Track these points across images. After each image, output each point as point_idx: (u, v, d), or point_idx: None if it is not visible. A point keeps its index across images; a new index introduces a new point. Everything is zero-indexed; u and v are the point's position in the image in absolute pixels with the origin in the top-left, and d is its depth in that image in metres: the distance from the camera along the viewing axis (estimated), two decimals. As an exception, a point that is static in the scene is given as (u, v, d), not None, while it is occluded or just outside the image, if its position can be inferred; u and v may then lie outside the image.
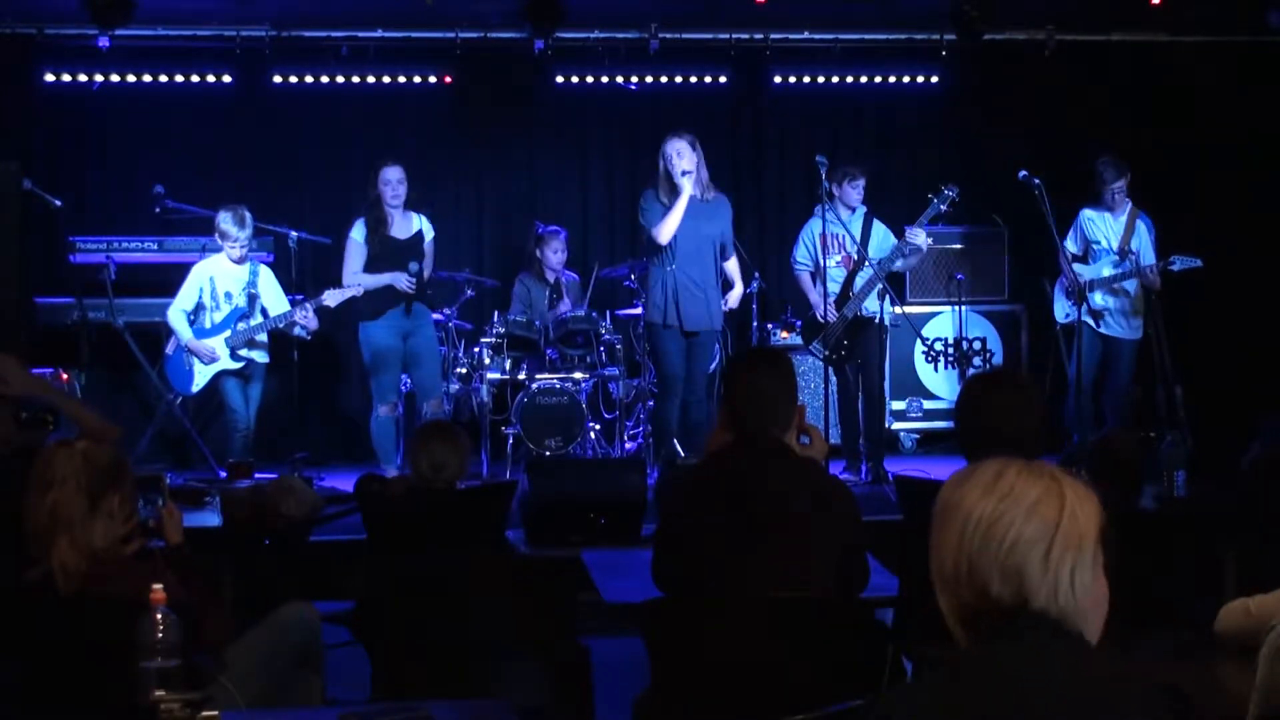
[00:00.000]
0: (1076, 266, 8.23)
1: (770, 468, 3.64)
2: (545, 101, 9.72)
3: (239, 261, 7.96)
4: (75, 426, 4.36)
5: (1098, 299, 8.16)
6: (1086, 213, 8.30)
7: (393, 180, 8.04)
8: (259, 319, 7.94)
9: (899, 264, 8.11)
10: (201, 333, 7.90)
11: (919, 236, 7.95)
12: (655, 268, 7.77)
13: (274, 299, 8.05)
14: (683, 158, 7.65)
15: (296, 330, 8.00)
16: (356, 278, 8.00)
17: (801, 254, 8.23)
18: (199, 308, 7.91)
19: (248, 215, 7.89)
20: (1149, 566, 4.05)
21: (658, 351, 7.85)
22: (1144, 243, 8.25)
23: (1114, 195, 8.20)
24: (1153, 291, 8.21)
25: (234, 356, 7.92)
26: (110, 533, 3.38)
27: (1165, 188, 9.31)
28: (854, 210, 8.19)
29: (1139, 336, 8.28)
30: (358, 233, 8.07)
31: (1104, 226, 8.23)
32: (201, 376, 7.91)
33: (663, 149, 7.70)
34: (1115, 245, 8.21)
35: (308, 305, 7.94)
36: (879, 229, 8.18)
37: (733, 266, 8.08)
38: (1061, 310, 8.39)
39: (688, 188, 7.61)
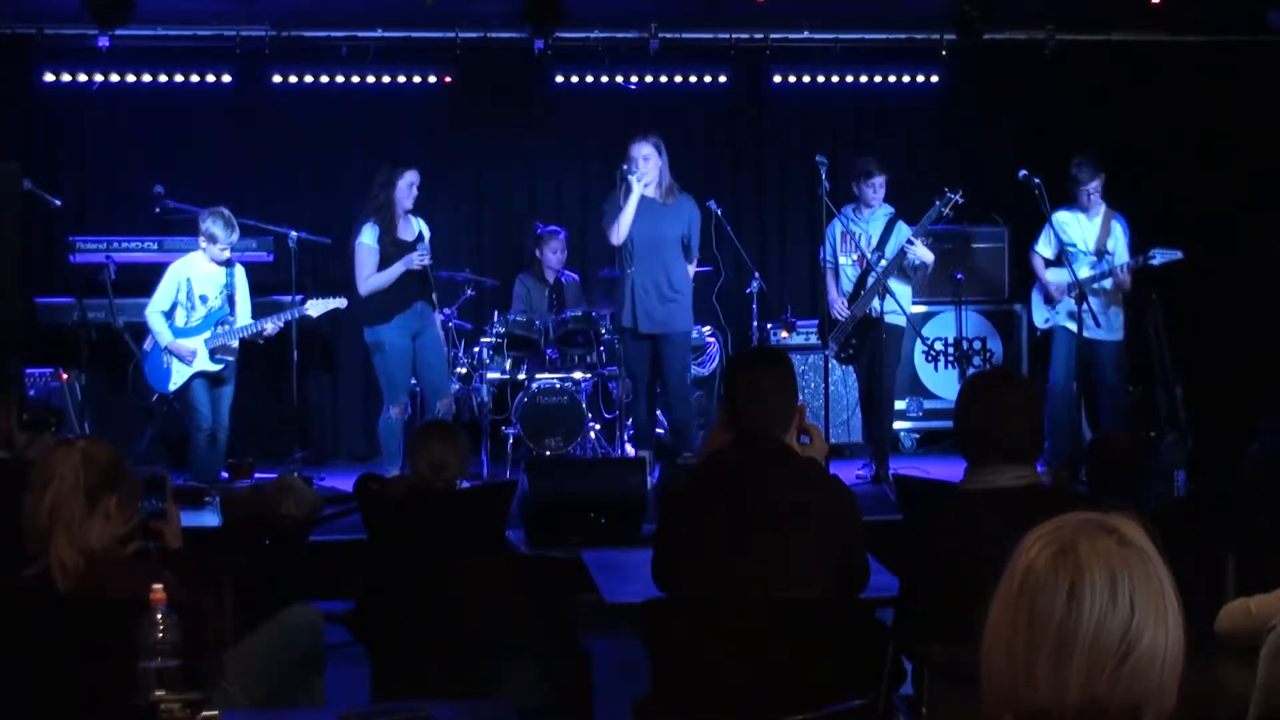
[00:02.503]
0: (1053, 271, 8.24)
1: (770, 468, 3.64)
2: (545, 101, 9.72)
3: (222, 264, 7.93)
4: (73, 429, 4.37)
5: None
6: (1059, 215, 8.23)
7: (415, 183, 7.99)
8: (236, 322, 7.91)
9: (907, 263, 8.07)
10: (175, 332, 7.86)
11: (923, 253, 7.95)
12: (623, 271, 7.86)
13: (242, 304, 7.98)
14: (649, 162, 7.75)
15: (259, 340, 7.99)
16: (371, 281, 7.94)
17: (826, 251, 8.22)
18: (173, 306, 7.85)
19: (233, 218, 7.86)
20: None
21: (625, 353, 8.01)
22: (1119, 243, 8.22)
23: (1089, 195, 8.16)
24: (1124, 291, 8.18)
25: (213, 359, 7.89)
26: (107, 533, 3.39)
27: (1165, 187, 9.32)
28: (872, 209, 8.17)
29: (1119, 337, 8.25)
30: (369, 237, 7.95)
31: (1079, 228, 8.19)
32: (179, 375, 7.85)
33: (629, 151, 7.76)
34: (1092, 246, 8.19)
35: (275, 318, 7.94)
36: (902, 231, 8.07)
37: (689, 270, 8.02)
38: (1041, 316, 8.37)
39: (637, 188, 7.69)
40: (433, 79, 9.46)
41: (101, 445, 3.49)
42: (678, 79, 9.69)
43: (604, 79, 9.54)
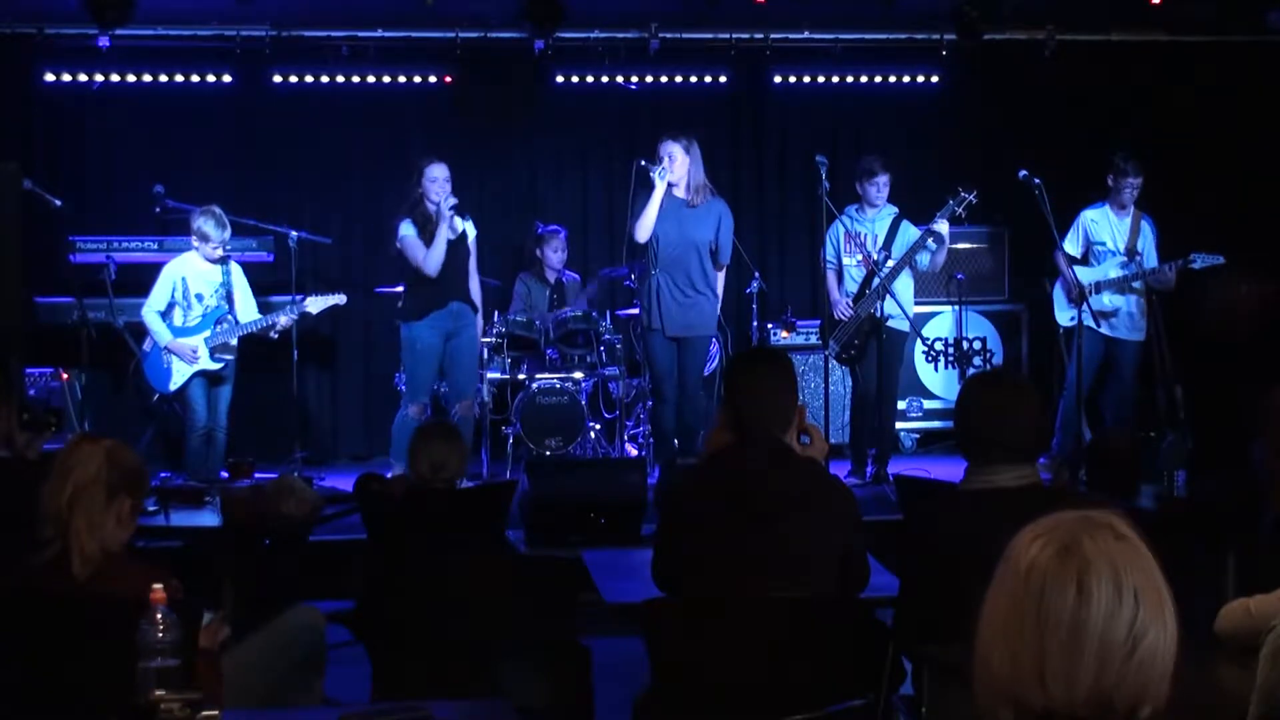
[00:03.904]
0: (1078, 269, 8.22)
1: (770, 468, 3.64)
2: (545, 101, 9.72)
3: (216, 262, 7.91)
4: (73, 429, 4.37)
5: (1105, 300, 8.15)
6: (1088, 214, 8.26)
7: (439, 178, 7.87)
8: (239, 319, 7.91)
9: (923, 259, 8.04)
10: (174, 332, 7.84)
11: (941, 226, 7.89)
12: (645, 270, 7.78)
13: (244, 301, 7.99)
14: (675, 160, 7.67)
15: (272, 334, 7.99)
16: (430, 260, 7.76)
17: (829, 252, 8.17)
18: (170, 305, 7.85)
19: (225, 216, 7.84)
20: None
21: (646, 352, 7.93)
22: (1148, 245, 8.25)
23: (1131, 191, 8.16)
24: (1157, 292, 8.19)
25: (213, 357, 7.88)
26: (116, 535, 3.40)
27: (1165, 188, 9.30)
28: (877, 209, 8.15)
29: (1142, 338, 8.26)
30: (408, 230, 7.85)
31: (1109, 227, 8.20)
32: (180, 375, 7.85)
33: (658, 149, 7.71)
34: (1122, 246, 8.19)
35: (285, 312, 7.92)
36: (907, 230, 8.08)
37: (719, 276, 7.94)
38: (1066, 315, 8.34)
39: (660, 185, 7.61)
40: (433, 79, 9.46)
41: (127, 449, 3.52)
42: (678, 79, 9.68)
43: (604, 79, 9.53)
